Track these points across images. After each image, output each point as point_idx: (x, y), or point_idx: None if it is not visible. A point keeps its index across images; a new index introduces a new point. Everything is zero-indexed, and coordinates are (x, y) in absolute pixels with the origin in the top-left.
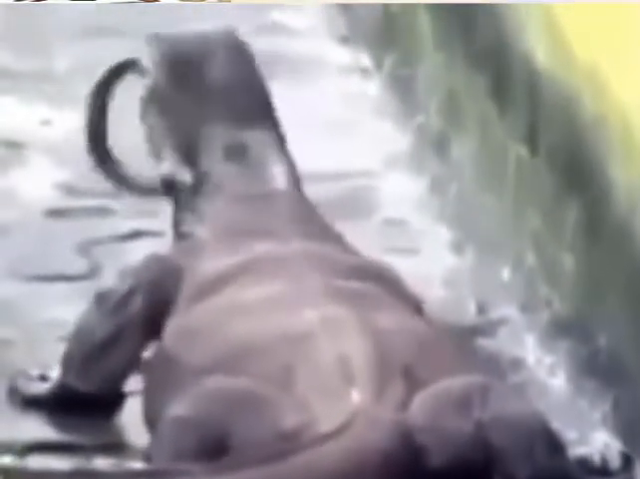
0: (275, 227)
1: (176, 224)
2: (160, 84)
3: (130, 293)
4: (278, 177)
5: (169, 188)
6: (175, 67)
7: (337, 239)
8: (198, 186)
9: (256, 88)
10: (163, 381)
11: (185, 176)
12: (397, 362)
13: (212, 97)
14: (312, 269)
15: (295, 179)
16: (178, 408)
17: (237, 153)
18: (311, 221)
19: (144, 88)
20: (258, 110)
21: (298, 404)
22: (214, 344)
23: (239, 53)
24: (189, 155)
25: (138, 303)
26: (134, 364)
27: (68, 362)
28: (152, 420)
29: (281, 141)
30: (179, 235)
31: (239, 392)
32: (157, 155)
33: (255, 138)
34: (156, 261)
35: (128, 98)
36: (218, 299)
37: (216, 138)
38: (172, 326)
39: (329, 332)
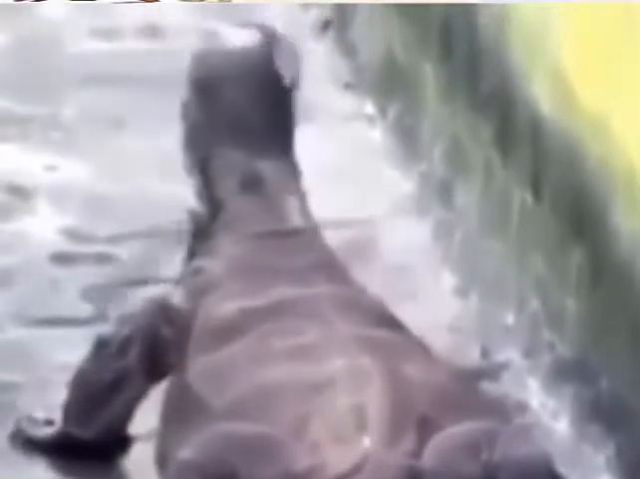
0: (298, 268)
1: (190, 255)
2: (185, 98)
3: (128, 339)
4: (294, 213)
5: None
6: (199, 82)
7: (353, 281)
8: (213, 215)
9: (277, 115)
10: (183, 422)
11: (202, 202)
12: (414, 412)
13: (230, 119)
14: (341, 316)
15: (309, 213)
16: (186, 452)
17: (253, 184)
18: (330, 261)
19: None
20: (276, 138)
21: (309, 449)
22: (238, 389)
23: (266, 75)
24: (206, 179)
25: (136, 349)
26: (134, 411)
27: (67, 411)
28: (163, 461)
29: (296, 172)
30: (190, 268)
31: (249, 437)
32: (189, 173)
33: (271, 168)
34: (154, 306)
35: None
36: (245, 343)
37: (232, 164)
38: (197, 368)
39: (351, 382)
